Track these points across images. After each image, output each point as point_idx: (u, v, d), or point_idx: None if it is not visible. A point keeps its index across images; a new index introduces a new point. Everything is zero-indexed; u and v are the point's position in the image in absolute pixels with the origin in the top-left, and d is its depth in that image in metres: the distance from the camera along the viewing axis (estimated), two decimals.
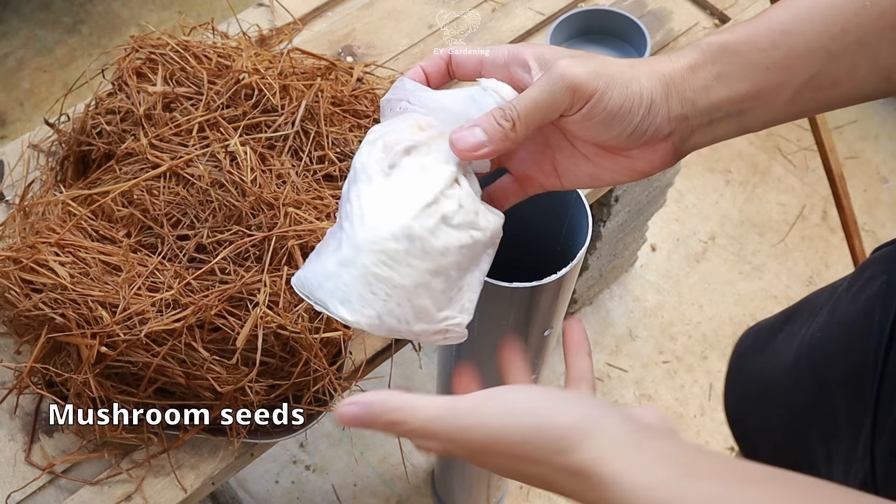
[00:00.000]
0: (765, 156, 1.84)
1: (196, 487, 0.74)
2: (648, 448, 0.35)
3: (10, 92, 1.95)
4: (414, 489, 1.41)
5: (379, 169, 0.45)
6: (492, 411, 0.38)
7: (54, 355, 0.73)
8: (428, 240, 0.44)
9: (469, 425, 0.38)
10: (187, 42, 0.87)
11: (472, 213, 0.46)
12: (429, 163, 0.46)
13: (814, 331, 0.70)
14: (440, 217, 0.44)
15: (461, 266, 0.46)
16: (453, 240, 0.45)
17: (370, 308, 0.44)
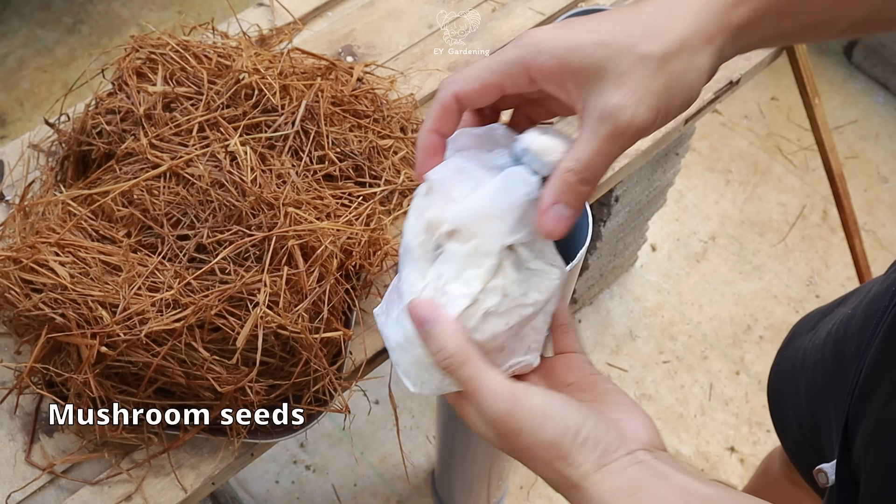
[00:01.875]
0: (765, 156, 1.84)
1: (196, 487, 0.74)
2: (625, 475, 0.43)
3: (10, 92, 1.95)
4: (414, 489, 1.41)
5: (423, 252, 0.46)
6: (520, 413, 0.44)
7: (54, 355, 0.73)
8: (472, 335, 0.45)
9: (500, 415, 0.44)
10: (187, 42, 0.87)
11: (520, 295, 0.46)
12: (470, 253, 0.45)
13: (849, 310, 0.72)
14: (483, 313, 0.45)
15: (518, 333, 0.47)
16: (500, 325, 0.46)
17: (428, 385, 0.48)
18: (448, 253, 0.45)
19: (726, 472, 1.43)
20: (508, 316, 0.46)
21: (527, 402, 0.44)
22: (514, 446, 0.45)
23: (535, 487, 1.41)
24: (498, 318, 0.46)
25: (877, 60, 1.92)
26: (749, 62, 1.03)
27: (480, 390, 0.44)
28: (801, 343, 0.83)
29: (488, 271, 0.45)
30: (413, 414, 1.47)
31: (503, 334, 0.46)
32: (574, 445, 0.43)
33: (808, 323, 0.86)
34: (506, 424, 0.44)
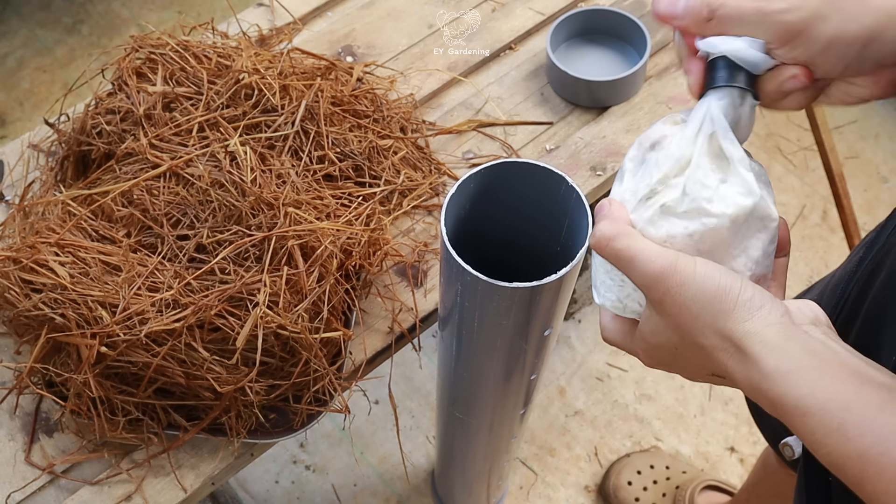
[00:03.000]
0: (765, 156, 1.84)
1: (196, 487, 0.74)
2: (795, 339, 0.40)
3: (10, 92, 1.95)
4: (414, 489, 1.41)
5: (631, 167, 0.48)
6: (683, 267, 0.43)
7: (54, 355, 0.73)
8: (647, 230, 0.45)
9: (661, 271, 0.43)
10: (187, 42, 0.87)
11: (702, 198, 0.45)
12: (662, 155, 0.46)
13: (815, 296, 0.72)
14: (660, 206, 0.45)
15: (703, 252, 0.46)
16: (678, 228, 0.45)
17: (611, 292, 0.50)
18: (647, 162, 0.47)
19: (726, 472, 1.43)
20: (689, 220, 0.45)
21: (688, 260, 0.43)
22: (674, 311, 0.43)
23: (535, 487, 1.41)
24: (677, 219, 0.45)
25: None
26: None
27: (638, 254, 0.44)
28: None
29: (671, 167, 0.46)
30: (413, 414, 1.47)
31: (682, 240, 0.45)
32: (740, 300, 0.42)
33: (802, 294, 0.86)
34: (669, 279, 0.43)
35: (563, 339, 1.56)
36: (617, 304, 0.50)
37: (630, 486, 1.36)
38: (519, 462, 1.43)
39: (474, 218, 0.69)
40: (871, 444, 0.37)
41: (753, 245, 0.47)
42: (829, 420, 0.38)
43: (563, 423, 1.48)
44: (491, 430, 0.94)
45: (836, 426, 0.38)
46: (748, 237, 0.47)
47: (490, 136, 0.97)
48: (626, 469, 1.38)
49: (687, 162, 0.46)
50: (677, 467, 1.37)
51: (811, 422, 0.39)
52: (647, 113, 0.98)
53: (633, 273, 0.45)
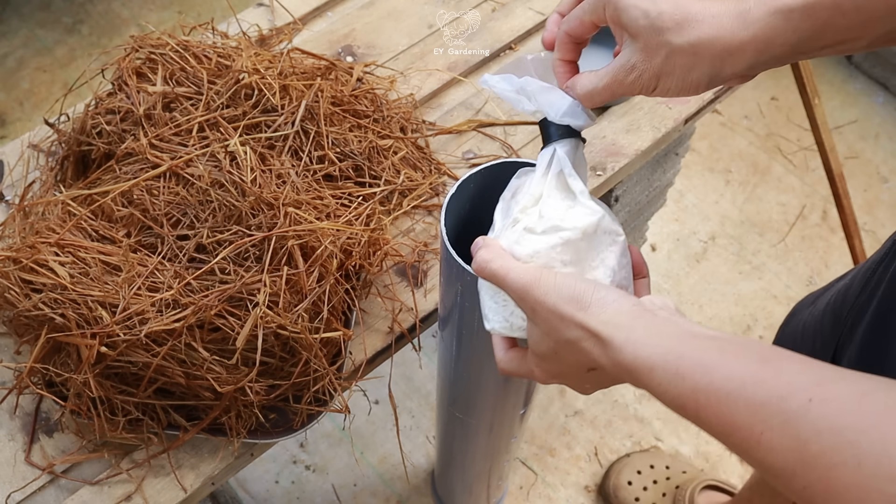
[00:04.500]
0: (765, 156, 1.84)
1: (196, 487, 0.74)
2: (641, 318, 0.48)
3: (10, 92, 1.95)
4: (414, 489, 1.41)
5: (499, 216, 0.58)
6: (545, 280, 0.51)
7: (54, 355, 0.73)
8: (515, 249, 0.54)
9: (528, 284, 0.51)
10: (187, 42, 0.87)
11: (556, 218, 0.54)
12: (520, 195, 0.57)
13: (847, 281, 0.74)
14: (522, 228, 0.54)
15: (567, 262, 0.54)
16: (541, 243, 0.54)
17: (497, 315, 0.57)
18: (510, 206, 0.57)
19: (726, 471, 1.43)
20: (548, 236, 0.54)
21: (550, 273, 0.51)
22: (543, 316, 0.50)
23: (535, 487, 1.41)
24: (538, 237, 0.54)
25: (877, 60, 1.92)
26: None
27: (508, 273, 0.52)
28: (801, 317, 0.87)
29: (526, 202, 0.55)
30: (413, 414, 1.47)
31: (546, 252, 0.54)
32: (594, 298, 0.49)
33: (809, 299, 0.88)
34: (535, 290, 0.50)
35: None
36: (504, 324, 0.57)
37: (630, 486, 1.36)
38: (519, 462, 1.43)
39: (474, 218, 0.69)
40: (699, 377, 0.43)
41: (608, 257, 0.56)
42: (670, 367, 0.44)
43: (563, 423, 1.48)
44: (491, 430, 0.94)
45: (673, 371, 0.44)
46: (602, 250, 0.55)
47: (490, 136, 0.97)
48: (627, 469, 1.38)
49: (540, 195, 0.55)
50: (677, 467, 1.37)
51: (657, 374, 0.45)
52: (647, 113, 0.98)
53: (508, 288, 0.52)
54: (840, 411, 0.38)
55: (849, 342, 0.65)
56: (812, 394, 0.39)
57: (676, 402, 0.44)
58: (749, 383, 0.41)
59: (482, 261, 0.54)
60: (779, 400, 0.40)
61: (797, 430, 0.38)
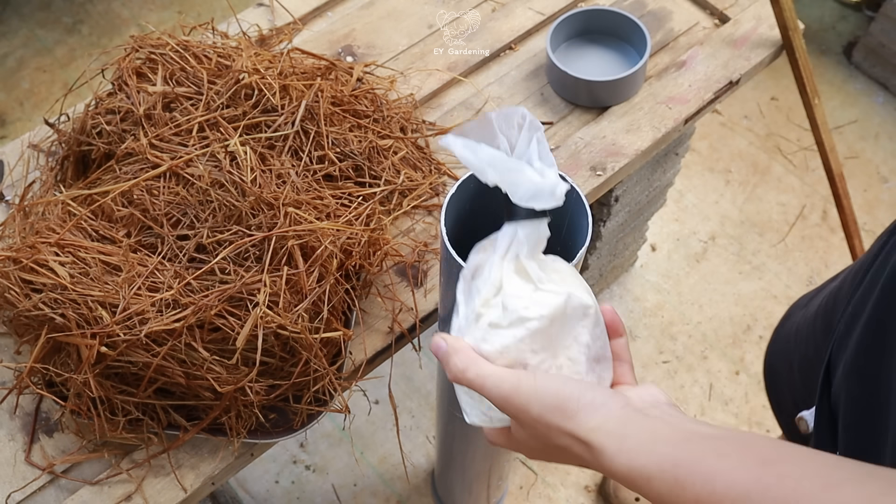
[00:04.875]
0: (765, 156, 1.84)
1: (196, 487, 0.74)
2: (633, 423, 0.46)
3: (10, 92, 1.95)
4: (414, 489, 1.41)
5: (463, 298, 0.54)
6: (525, 387, 0.48)
7: (54, 355, 0.73)
8: (482, 347, 0.51)
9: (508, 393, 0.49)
10: (187, 42, 0.87)
11: (521, 308, 0.51)
12: (479, 284, 0.53)
13: (838, 283, 0.74)
14: (487, 325, 0.51)
15: (538, 350, 0.51)
16: (508, 338, 0.51)
17: (475, 410, 0.55)
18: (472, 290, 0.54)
19: None
20: (515, 329, 0.51)
21: (529, 379, 0.49)
22: (529, 424, 0.49)
23: (535, 487, 1.41)
24: (504, 331, 0.51)
25: (876, 61, 1.92)
26: (749, 62, 1.03)
27: (486, 381, 0.49)
28: (795, 320, 0.86)
29: (488, 293, 0.52)
30: (413, 414, 1.47)
31: (515, 346, 0.51)
32: (581, 404, 0.47)
33: (802, 301, 0.88)
34: (514, 402, 0.48)
35: None
36: (484, 419, 0.54)
37: None
38: (519, 462, 1.43)
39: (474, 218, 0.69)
40: (700, 486, 0.41)
41: (580, 332, 0.53)
42: (668, 477, 0.43)
43: None
44: None
45: (672, 481, 0.42)
46: (572, 328, 0.53)
47: None
48: None
49: (500, 284, 0.52)
50: None
51: (656, 484, 0.43)
52: (647, 113, 0.98)
53: (487, 396, 0.50)
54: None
55: (843, 348, 0.65)
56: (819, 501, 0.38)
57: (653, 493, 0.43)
58: (753, 492, 0.40)
59: (457, 371, 0.51)
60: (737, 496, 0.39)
61: None
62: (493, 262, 0.53)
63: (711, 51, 1.04)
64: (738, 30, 1.06)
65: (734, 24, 1.07)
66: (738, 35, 1.05)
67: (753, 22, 1.07)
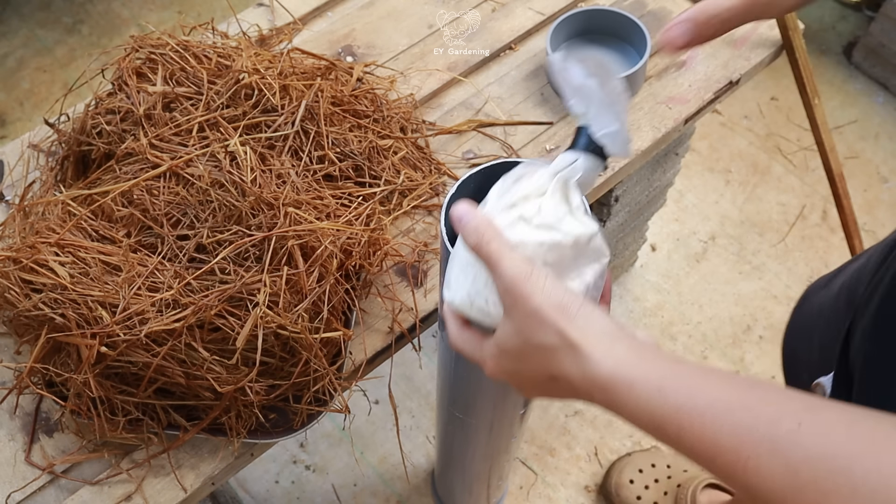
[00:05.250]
0: (765, 156, 1.84)
1: (196, 487, 0.74)
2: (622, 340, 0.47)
3: (10, 92, 1.95)
4: (414, 489, 1.41)
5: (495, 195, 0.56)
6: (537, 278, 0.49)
7: (54, 355, 0.73)
8: (504, 232, 0.52)
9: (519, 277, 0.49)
10: (187, 42, 0.87)
11: (553, 218, 0.53)
12: (524, 183, 0.55)
13: (863, 261, 0.76)
14: (518, 216, 0.53)
15: (549, 263, 0.53)
16: (531, 235, 0.52)
17: (462, 288, 0.55)
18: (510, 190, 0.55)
19: None
20: (540, 232, 0.53)
21: (541, 274, 0.49)
22: (522, 315, 0.49)
23: (535, 487, 1.41)
24: (530, 229, 0.53)
25: (876, 60, 1.92)
26: (748, 62, 1.03)
27: (503, 257, 0.50)
28: (816, 300, 0.86)
29: (528, 191, 0.54)
30: (413, 414, 1.47)
31: (532, 247, 0.53)
32: (580, 312, 0.47)
33: (822, 282, 0.88)
34: (520, 287, 0.49)
35: None
36: (465, 300, 0.55)
37: (632, 485, 1.36)
38: (519, 462, 1.43)
39: None
40: (684, 397, 0.42)
41: (588, 272, 0.55)
42: (651, 386, 0.43)
43: (563, 423, 1.48)
44: (491, 430, 0.94)
45: (656, 388, 0.43)
46: (584, 264, 0.55)
47: (490, 136, 0.97)
48: (628, 468, 1.38)
49: (544, 191, 0.54)
50: (678, 466, 1.37)
51: (636, 390, 0.44)
52: (647, 113, 0.98)
53: (496, 272, 0.51)
54: (831, 438, 0.37)
55: (862, 317, 0.65)
56: (801, 419, 0.38)
57: (654, 421, 0.43)
58: (736, 408, 0.41)
59: (479, 237, 0.52)
60: (767, 424, 0.39)
61: (787, 456, 0.38)
62: (544, 174, 0.55)
63: (711, 51, 1.04)
64: (738, 30, 1.06)
65: None
66: (738, 35, 1.05)
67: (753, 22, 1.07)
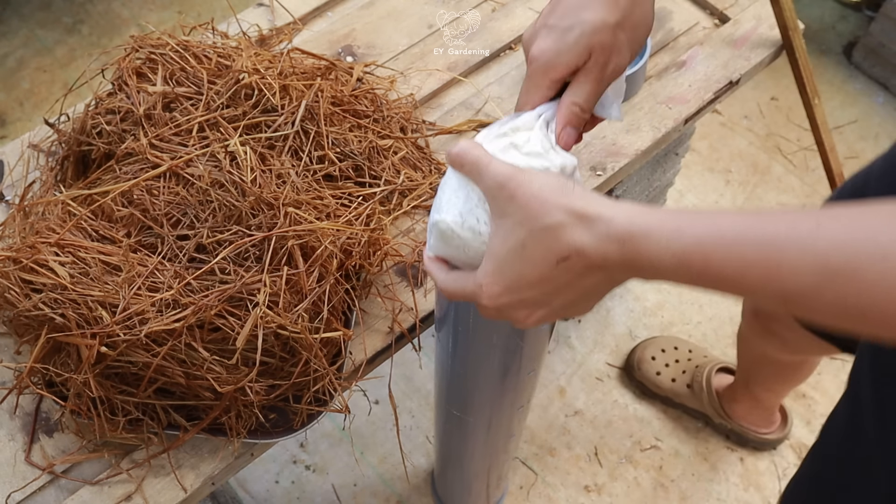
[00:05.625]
0: (765, 156, 1.84)
1: (196, 487, 0.74)
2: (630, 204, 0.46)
3: (10, 92, 1.95)
4: (414, 489, 1.41)
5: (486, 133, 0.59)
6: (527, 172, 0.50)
7: (54, 355, 0.73)
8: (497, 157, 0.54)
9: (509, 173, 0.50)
10: (187, 42, 0.87)
11: (541, 148, 0.56)
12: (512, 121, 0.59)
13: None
14: (509, 143, 0.57)
15: None
16: (520, 161, 0.55)
17: (454, 208, 0.55)
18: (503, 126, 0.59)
19: (726, 471, 1.43)
20: (530, 159, 0.55)
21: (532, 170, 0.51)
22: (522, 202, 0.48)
23: (535, 487, 1.41)
24: (521, 155, 0.56)
25: (876, 60, 1.92)
26: (749, 62, 1.03)
27: (491, 163, 0.51)
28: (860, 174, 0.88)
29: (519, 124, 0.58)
30: (413, 414, 1.47)
31: None
32: (579, 190, 0.48)
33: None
34: (517, 177, 0.49)
35: (563, 339, 1.56)
36: (457, 218, 0.55)
37: (653, 361, 1.46)
38: (519, 462, 1.43)
39: None
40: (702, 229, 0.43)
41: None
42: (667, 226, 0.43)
43: (563, 423, 1.48)
44: (489, 428, 0.94)
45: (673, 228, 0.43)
46: None
47: None
48: (652, 346, 1.49)
49: (531, 128, 0.58)
50: (699, 352, 1.48)
51: (654, 236, 0.43)
52: (647, 113, 0.98)
53: (486, 176, 0.51)
54: (850, 223, 0.39)
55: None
56: (818, 219, 0.40)
57: (677, 259, 0.43)
58: (753, 225, 0.41)
59: (463, 149, 0.53)
60: (788, 230, 0.40)
61: (814, 249, 0.39)
62: (530, 115, 0.59)
63: (711, 51, 1.04)
64: (738, 30, 1.06)
65: (734, 24, 1.07)
66: (738, 35, 1.05)
67: (753, 22, 1.07)
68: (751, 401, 1.35)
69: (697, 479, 1.43)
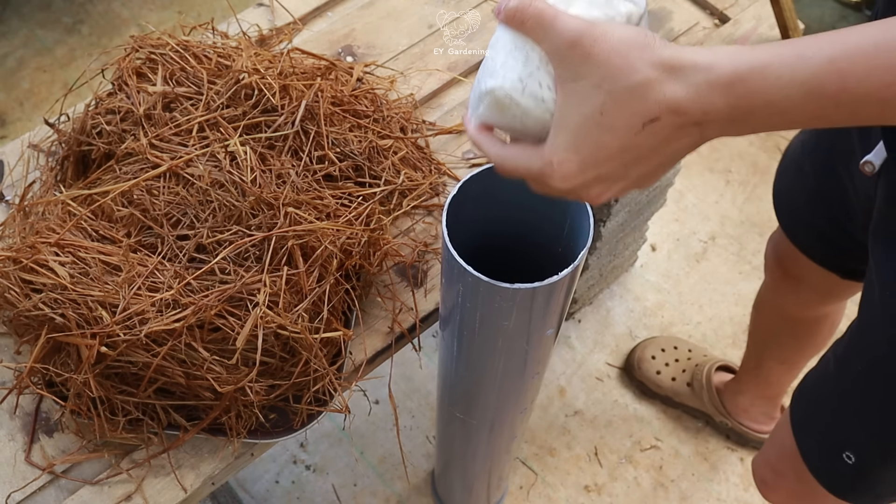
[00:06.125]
0: (765, 156, 1.84)
1: (196, 487, 0.74)
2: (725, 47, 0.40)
3: (10, 92, 1.95)
4: (414, 489, 1.41)
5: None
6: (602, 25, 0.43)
7: (54, 355, 0.73)
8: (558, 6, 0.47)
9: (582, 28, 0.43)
10: (187, 42, 0.87)
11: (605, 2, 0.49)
12: None
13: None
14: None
15: None
16: (585, 12, 0.47)
17: (512, 72, 0.48)
18: None
19: (726, 471, 1.43)
20: (595, 9, 0.48)
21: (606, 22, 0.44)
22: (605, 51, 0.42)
23: (535, 487, 1.41)
24: (587, 5, 0.48)
25: None
26: None
27: (557, 18, 0.44)
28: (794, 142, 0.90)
29: None
30: (413, 414, 1.47)
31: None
32: (658, 41, 0.42)
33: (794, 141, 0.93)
34: (590, 34, 0.42)
35: (563, 339, 1.56)
36: (516, 83, 0.49)
37: (653, 360, 1.47)
38: (519, 462, 1.43)
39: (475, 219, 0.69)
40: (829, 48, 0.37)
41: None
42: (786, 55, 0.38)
43: (563, 423, 1.48)
44: (491, 431, 0.94)
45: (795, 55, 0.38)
46: None
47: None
48: (652, 345, 1.49)
49: None
50: (699, 352, 1.49)
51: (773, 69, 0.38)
52: None
53: (554, 34, 0.44)
54: None
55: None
56: None
57: (807, 87, 0.37)
58: (889, 29, 0.36)
59: (522, 2, 0.44)
60: None
61: None
62: None
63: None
64: (738, 30, 1.06)
65: (734, 24, 1.07)
66: (738, 35, 1.05)
67: (753, 22, 1.07)
68: (756, 388, 1.33)
69: (697, 479, 1.43)
